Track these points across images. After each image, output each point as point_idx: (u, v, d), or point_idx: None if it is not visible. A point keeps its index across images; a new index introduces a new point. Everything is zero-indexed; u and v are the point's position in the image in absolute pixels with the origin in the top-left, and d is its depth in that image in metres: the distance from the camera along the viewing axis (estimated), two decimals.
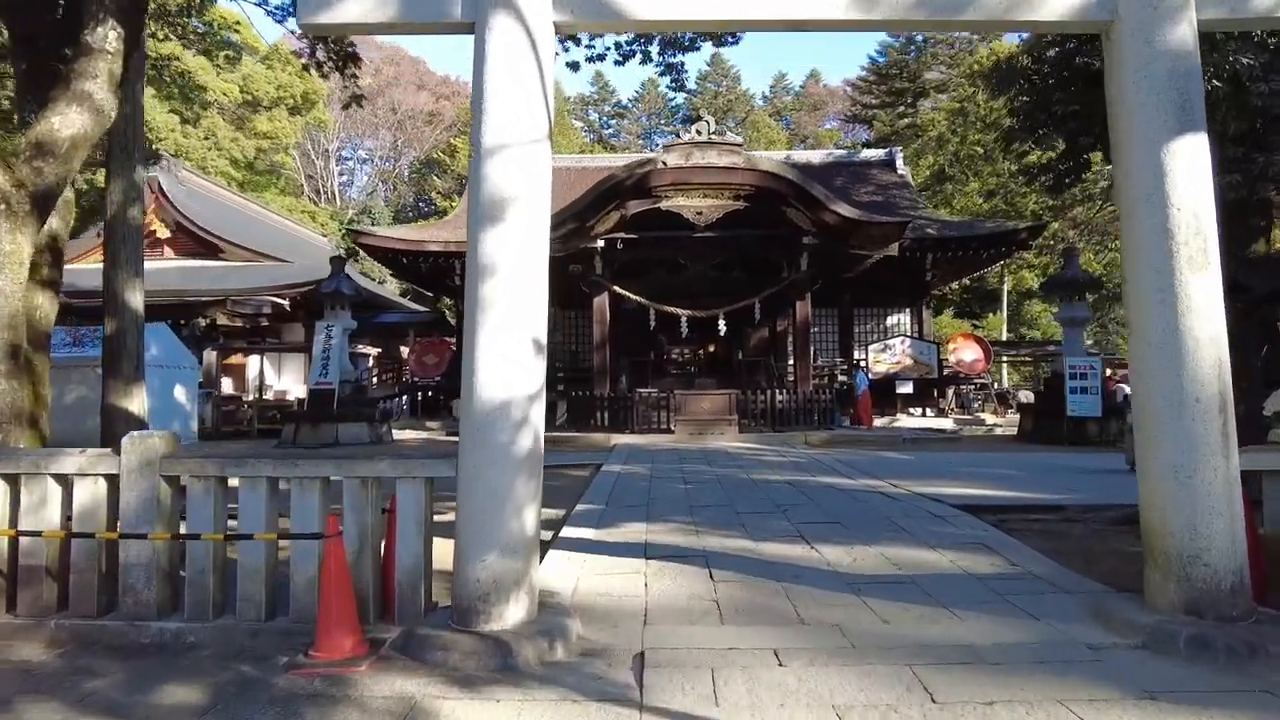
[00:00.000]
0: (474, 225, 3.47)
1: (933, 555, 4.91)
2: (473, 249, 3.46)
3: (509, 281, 3.40)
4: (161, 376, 15.17)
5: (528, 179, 3.48)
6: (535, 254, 3.50)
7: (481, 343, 3.37)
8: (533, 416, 3.43)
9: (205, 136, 32.71)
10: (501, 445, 3.34)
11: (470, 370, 3.40)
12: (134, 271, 8.03)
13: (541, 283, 3.54)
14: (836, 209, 13.42)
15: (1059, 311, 15.41)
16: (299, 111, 36.66)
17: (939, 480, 8.27)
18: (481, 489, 3.34)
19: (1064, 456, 11.34)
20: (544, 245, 3.57)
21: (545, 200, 3.62)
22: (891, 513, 6.29)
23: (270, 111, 35.09)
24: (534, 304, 3.47)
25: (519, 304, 3.41)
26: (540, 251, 3.54)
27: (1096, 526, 5.79)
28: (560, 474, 9.65)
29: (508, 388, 3.35)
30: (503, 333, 3.37)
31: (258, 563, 3.55)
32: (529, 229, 3.48)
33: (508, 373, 3.36)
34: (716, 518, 6.17)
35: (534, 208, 3.51)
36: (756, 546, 5.16)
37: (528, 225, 3.47)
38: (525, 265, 3.45)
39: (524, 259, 3.44)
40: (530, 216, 3.48)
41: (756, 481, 8.27)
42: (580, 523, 6.06)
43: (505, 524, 3.32)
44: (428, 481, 3.57)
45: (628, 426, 14.39)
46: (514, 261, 3.42)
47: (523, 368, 3.39)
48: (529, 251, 3.47)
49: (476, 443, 3.36)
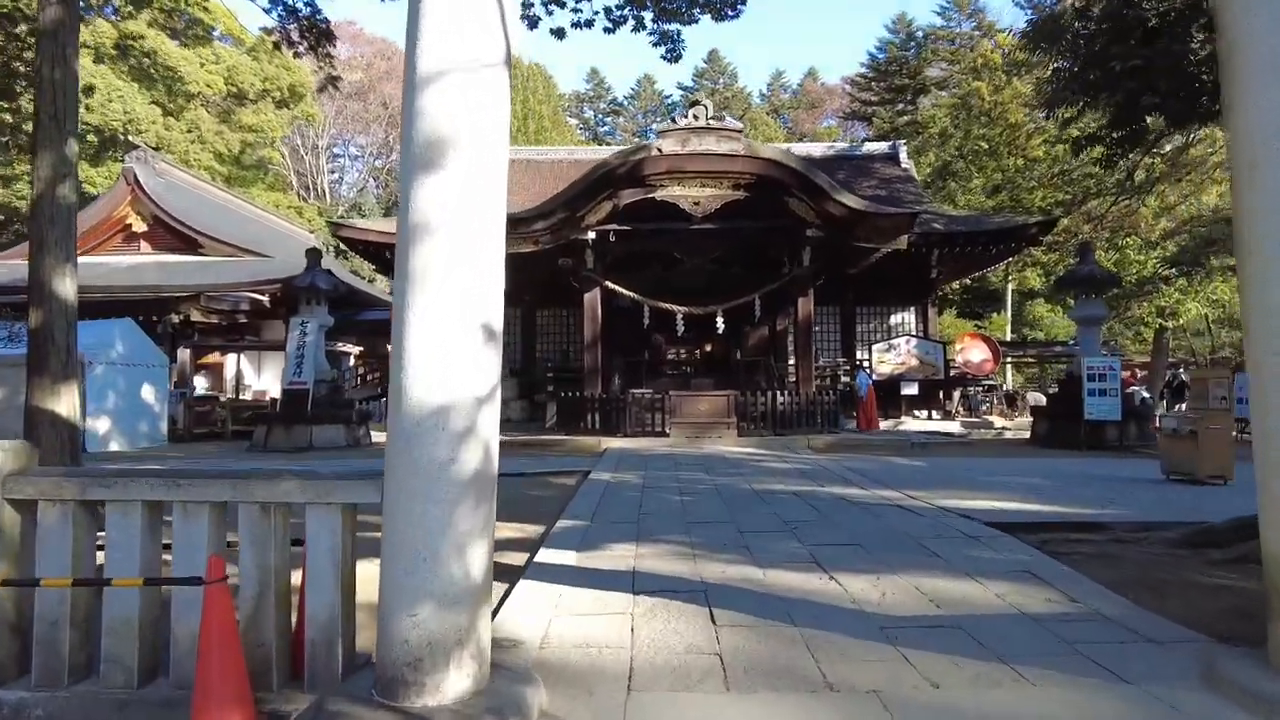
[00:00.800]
0: (406, 174, 2.68)
1: (974, 588, 4.13)
2: (404, 206, 2.66)
3: (450, 247, 2.60)
4: (127, 375, 14.34)
5: (477, 115, 2.68)
6: (486, 214, 2.70)
7: (412, 328, 2.57)
8: (481, 425, 2.63)
9: (189, 129, 31.79)
10: (437, 464, 2.54)
11: (398, 365, 2.61)
12: (64, 256, 7.18)
13: (494, 252, 2.74)
14: (842, 200, 12.66)
15: (1073, 309, 14.68)
16: (286, 105, 35.78)
17: (960, 491, 7.51)
18: (410, 522, 2.54)
19: (1087, 463, 10.59)
20: (499, 204, 2.78)
21: (501, 146, 2.82)
22: (916, 531, 5.51)
23: (256, 104, 34.20)
24: (483, 279, 2.67)
25: (462, 277, 2.61)
26: (494, 211, 2.74)
27: (1156, 550, 5.01)
28: (545, 482, 8.87)
29: (446, 387, 2.55)
30: (440, 315, 2.57)
31: (128, 614, 2.75)
32: (479, 181, 2.68)
33: (447, 367, 2.56)
34: (716, 538, 5.38)
35: (486, 154, 2.71)
36: (764, 576, 4.37)
37: (476, 175, 2.67)
38: (471, 227, 2.65)
39: (470, 219, 2.65)
40: (481, 165, 2.69)
41: (759, 492, 7.48)
42: (560, 543, 5.26)
43: (443, 568, 2.52)
44: (347, 508, 2.77)
45: (620, 429, 13.60)
46: (457, 222, 2.62)
47: (467, 361, 2.60)
48: (477, 210, 2.67)
49: (404, 460, 2.56)
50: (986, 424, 17.80)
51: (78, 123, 7.67)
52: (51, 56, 7.02)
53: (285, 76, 34.03)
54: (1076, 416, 13.21)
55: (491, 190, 2.73)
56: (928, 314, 18.96)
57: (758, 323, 16.97)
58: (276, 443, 13.29)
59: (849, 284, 17.28)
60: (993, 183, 25.86)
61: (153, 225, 22.00)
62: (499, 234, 2.76)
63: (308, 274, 14.23)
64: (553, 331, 19.62)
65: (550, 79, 47.80)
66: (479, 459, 2.61)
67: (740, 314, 15.17)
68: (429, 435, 2.54)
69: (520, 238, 12.99)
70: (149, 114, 29.18)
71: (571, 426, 14.32)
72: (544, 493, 8.05)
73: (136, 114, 28.15)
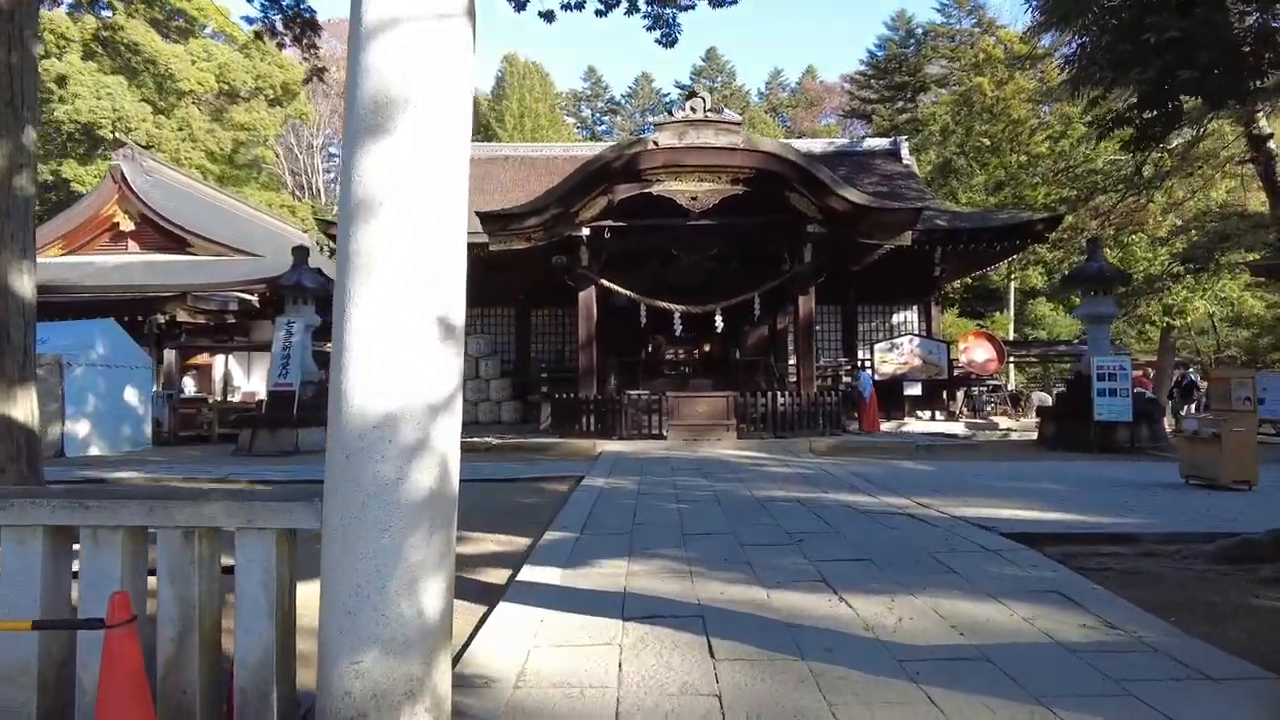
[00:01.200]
0: (350, 141, 2.28)
1: (999, 611, 3.74)
2: (345, 178, 2.27)
3: (399, 225, 2.21)
4: (109, 377, 13.92)
5: (433, 72, 2.29)
6: (443, 187, 2.30)
7: (353, 323, 2.18)
8: (437, 437, 2.23)
9: (180, 128, 31.33)
10: (384, 484, 2.14)
11: (337, 367, 2.21)
12: (21, 251, 6.76)
13: (453, 232, 2.35)
14: (845, 194, 12.26)
15: (1081, 307, 14.30)
16: (279, 103, 35.33)
17: (971, 498, 7.13)
18: (352, 552, 2.14)
19: (1099, 466, 10.21)
20: (458, 177, 2.38)
21: (463, 112, 2.42)
22: (930, 544, 5.11)
23: (249, 103, 33.74)
24: (440, 262, 2.28)
25: (414, 260, 2.21)
26: (452, 184, 2.34)
27: (1194, 566, 4.62)
28: (536, 488, 8.48)
29: (394, 393, 2.16)
30: (387, 306, 2.18)
31: (25, 659, 2.35)
32: (435, 150, 2.28)
33: (394, 369, 2.17)
34: (715, 552, 4.98)
35: (444, 119, 2.31)
36: (768, 597, 3.98)
37: (432, 143, 2.27)
38: (426, 201, 2.25)
39: (424, 192, 2.25)
40: (437, 130, 2.29)
41: (760, 500, 7.09)
42: (546, 558, 4.87)
43: (391, 607, 2.13)
44: (284, 534, 2.37)
45: (616, 432, 13.19)
46: (408, 195, 2.22)
47: (420, 361, 2.20)
48: (433, 181, 2.27)
49: (345, 480, 2.17)
50: (991, 425, 17.41)
51: (38, 111, 7.27)
52: (8, 39, 6.60)
53: (278, 74, 33.59)
54: (1085, 417, 12.83)
55: (450, 161, 2.33)
56: (931, 313, 18.56)
57: (757, 322, 16.57)
58: (261, 446, 12.87)
59: (850, 282, 16.89)
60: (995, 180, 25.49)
61: (140, 224, 21.57)
62: (459, 211, 2.36)
63: (294, 272, 13.82)
64: (548, 331, 19.22)
65: (547, 77, 47.39)
66: (434, 477, 2.22)
67: (739, 313, 14.77)
68: (373, 450, 2.15)
69: (512, 234, 12.59)
70: (139, 111, 28.76)
71: (566, 429, 13.92)
72: (534, 500, 7.66)
73: (126, 111, 27.74)
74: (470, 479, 9.21)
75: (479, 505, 7.28)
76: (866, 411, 15.26)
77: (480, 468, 10.30)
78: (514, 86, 44.17)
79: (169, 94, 30.79)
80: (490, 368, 17.60)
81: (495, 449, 12.84)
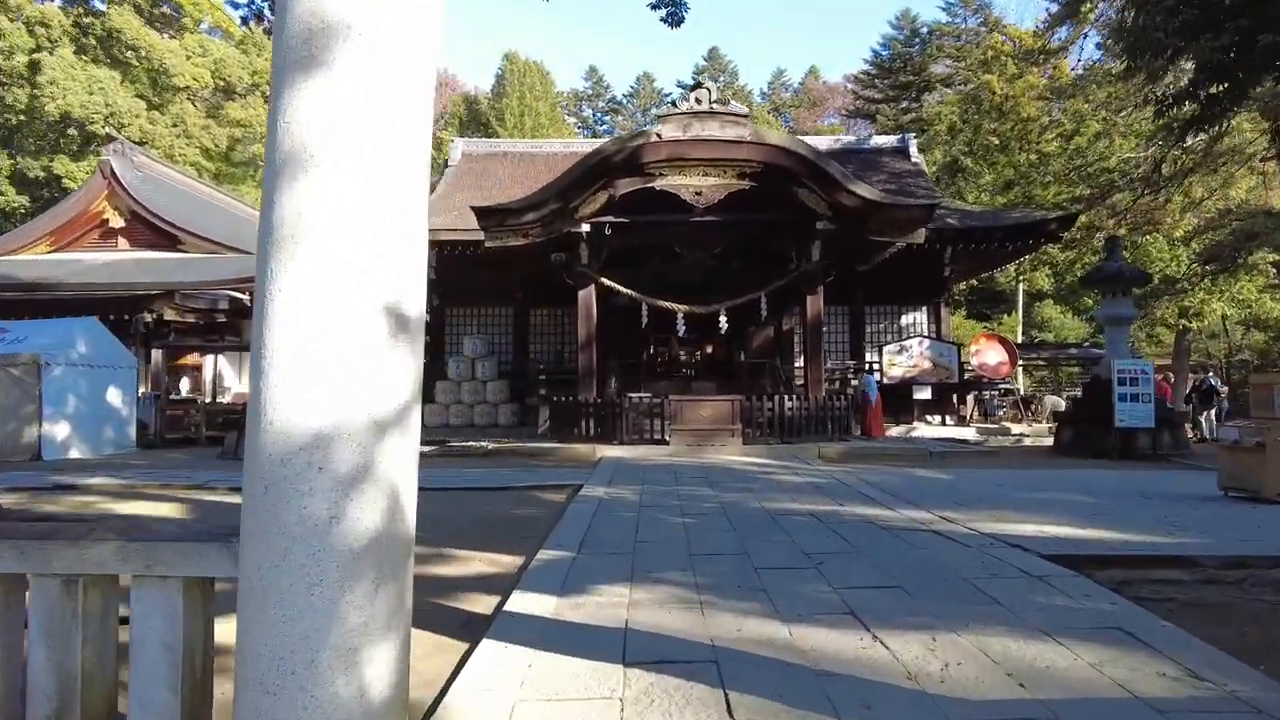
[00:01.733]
0: (277, 80, 1.77)
1: (1059, 654, 3.22)
2: (272, 129, 1.76)
3: (337, 184, 1.70)
4: (90, 377, 13.42)
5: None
6: (398, 140, 1.80)
7: (276, 316, 1.67)
8: (385, 462, 1.73)
9: (174, 124, 30.87)
10: (312, 524, 1.63)
11: (257, 371, 1.71)
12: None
13: (410, 199, 1.84)
14: (855, 190, 11.77)
15: (1100, 309, 13.81)
16: None
17: (997, 511, 6.63)
18: (273, 613, 1.63)
19: (1124, 475, 9.71)
20: (418, 129, 1.87)
21: (428, 48, 1.91)
22: (965, 568, 4.60)
23: (245, 99, 33.28)
24: (391, 236, 1.77)
25: (358, 231, 1.71)
26: (409, 137, 1.84)
27: (1265, 596, 4.12)
28: (531, 498, 7.98)
29: (328, 405, 1.65)
30: (321, 291, 1.67)
31: None
32: (386, 92, 1.77)
33: (327, 375, 1.66)
34: (727, 576, 4.47)
35: (396, 56, 1.80)
36: (790, 635, 3.47)
37: (383, 84, 1.76)
38: (375, 153, 1.74)
39: (373, 144, 1.74)
40: (389, 68, 1.78)
41: (772, 513, 6.58)
42: (539, 583, 4.36)
43: (321, 686, 1.62)
44: (194, 584, 1.86)
45: (616, 437, 12.69)
46: (351, 148, 1.71)
47: (362, 364, 1.69)
48: (385, 131, 1.76)
49: (264, 517, 1.66)
50: (1003, 430, 16.92)
51: None
52: None
53: None
54: (1104, 423, 12.35)
55: (408, 108, 1.82)
56: (940, 314, 18.07)
57: (763, 322, 16.09)
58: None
59: (858, 282, 16.41)
60: (1003, 179, 24.96)
61: (130, 220, 21.11)
62: (418, 174, 1.86)
63: None
64: (547, 331, 18.74)
65: (548, 75, 46.93)
66: (381, 514, 1.71)
67: (744, 313, 14.28)
68: (299, 480, 1.64)
69: (509, 231, 12.10)
70: (132, 107, 28.30)
71: (565, 433, 13.42)
72: (529, 512, 7.16)
73: (119, 106, 27.26)
74: (462, 487, 8.72)
75: (470, 517, 6.78)
76: (872, 416, 14.73)
77: (474, 474, 9.80)
78: (514, 85, 43.71)
79: (163, 89, 30.33)
80: (487, 369, 17.10)
81: (491, 454, 12.35)
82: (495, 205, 12.40)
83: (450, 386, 16.97)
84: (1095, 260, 19.85)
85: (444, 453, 12.79)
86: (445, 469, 10.52)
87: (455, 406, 16.86)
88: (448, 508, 7.26)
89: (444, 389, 16.97)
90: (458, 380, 16.99)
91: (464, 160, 21.11)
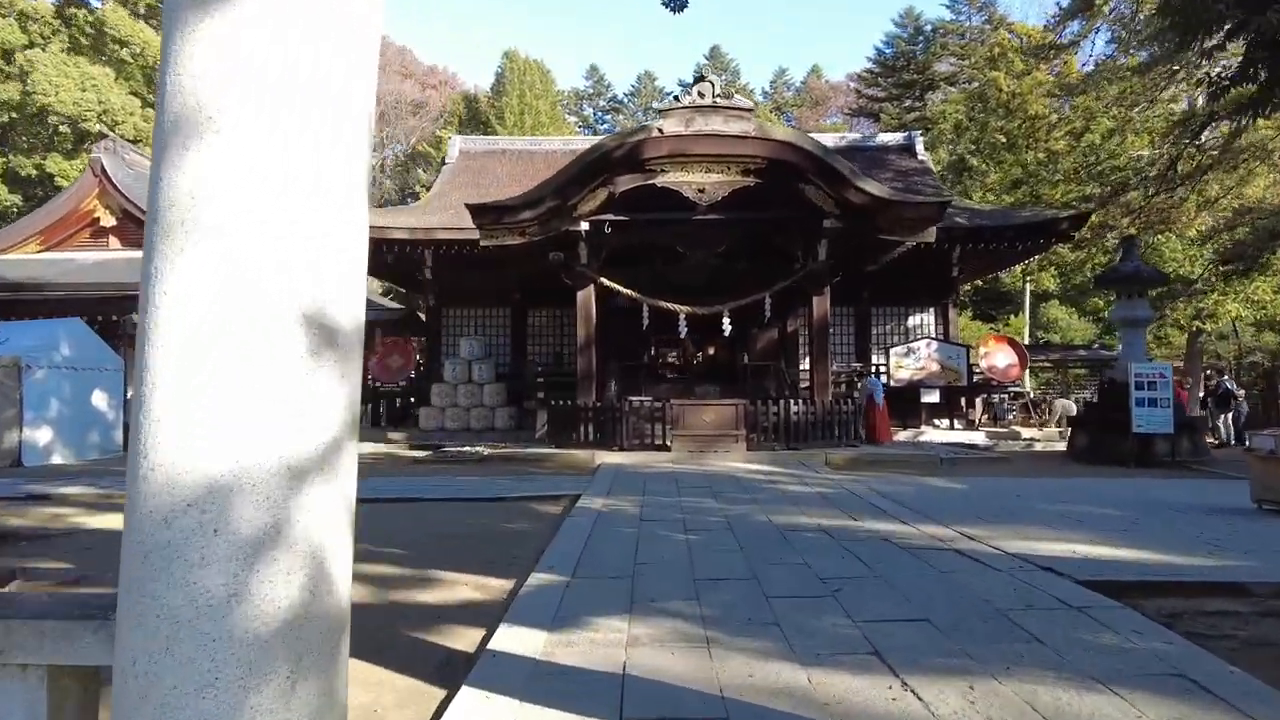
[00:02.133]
0: (169, 16, 1.36)
1: (1118, 709, 2.82)
2: (161, 88, 1.36)
3: (243, 157, 1.29)
4: (74, 380, 13.03)
5: None
6: (331, 101, 1.39)
7: (162, 317, 1.28)
8: (307, 518, 1.33)
9: None
10: (205, 603, 1.25)
11: (138, 394, 1.30)
12: None
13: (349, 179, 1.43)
14: (864, 187, 11.37)
15: (1115, 310, 13.39)
16: None
17: (1020, 526, 6.24)
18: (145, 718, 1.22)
19: (1146, 484, 9.31)
20: (361, 89, 1.47)
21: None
22: (997, 597, 4.20)
23: None
24: (319, 225, 1.36)
25: (273, 217, 1.30)
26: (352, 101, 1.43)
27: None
28: (526, 510, 7.58)
29: (226, 443, 1.25)
30: (222, 291, 1.26)
31: None
32: (312, 33, 1.36)
33: (227, 404, 1.25)
34: (736, 606, 4.07)
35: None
36: (809, 682, 3.06)
37: (308, 23, 1.36)
38: (294, 122, 1.34)
39: (294, 103, 1.33)
40: (313, 4, 1.37)
41: (782, 529, 6.18)
42: (528, 615, 3.95)
43: None
44: (60, 677, 1.45)
45: (616, 442, 12.29)
46: (268, 109, 1.31)
47: (279, 386, 1.29)
48: (314, 88, 1.36)
49: (142, 594, 1.26)
50: (1013, 434, 16.49)
51: None
52: None
53: None
54: (1120, 428, 11.95)
55: (341, 62, 1.42)
56: (948, 315, 17.65)
57: (767, 324, 15.68)
58: None
59: (864, 282, 16.01)
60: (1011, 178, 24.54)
61: (122, 219, 20.71)
62: (354, 148, 1.45)
63: None
64: (545, 332, 18.34)
65: (548, 74, 46.50)
66: (298, 590, 1.30)
67: (748, 314, 13.88)
68: (188, 545, 1.24)
69: (505, 229, 11.70)
70: (126, 104, 27.90)
71: (563, 437, 13.01)
72: (523, 525, 6.76)
73: (112, 104, 26.88)
74: (455, 498, 8.31)
75: (459, 532, 6.39)
76: (878, 421, 14.18)
77: (467, 483, 9.41)
78: (514, 83, 43.30)
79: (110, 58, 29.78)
80: (484, 371, 16.69)
81: (486, 460, 11.96)
82: (491, 203, 12.00)
83: (446, 389, 16.57)
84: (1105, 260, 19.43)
85: (438, 459, 12.40)
86: (438, 477, 10.13)
87: (451, 410, 16.45)
88: (436, 522, 6.87)
89: (439, 392, 16.57)
90: (454, 383, 16.58)
91: (461, 158, 20.72)
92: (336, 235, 1.40)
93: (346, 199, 1.43)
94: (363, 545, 5.95)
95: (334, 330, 1.36)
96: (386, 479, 9.96)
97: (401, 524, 6.69)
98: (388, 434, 16.59)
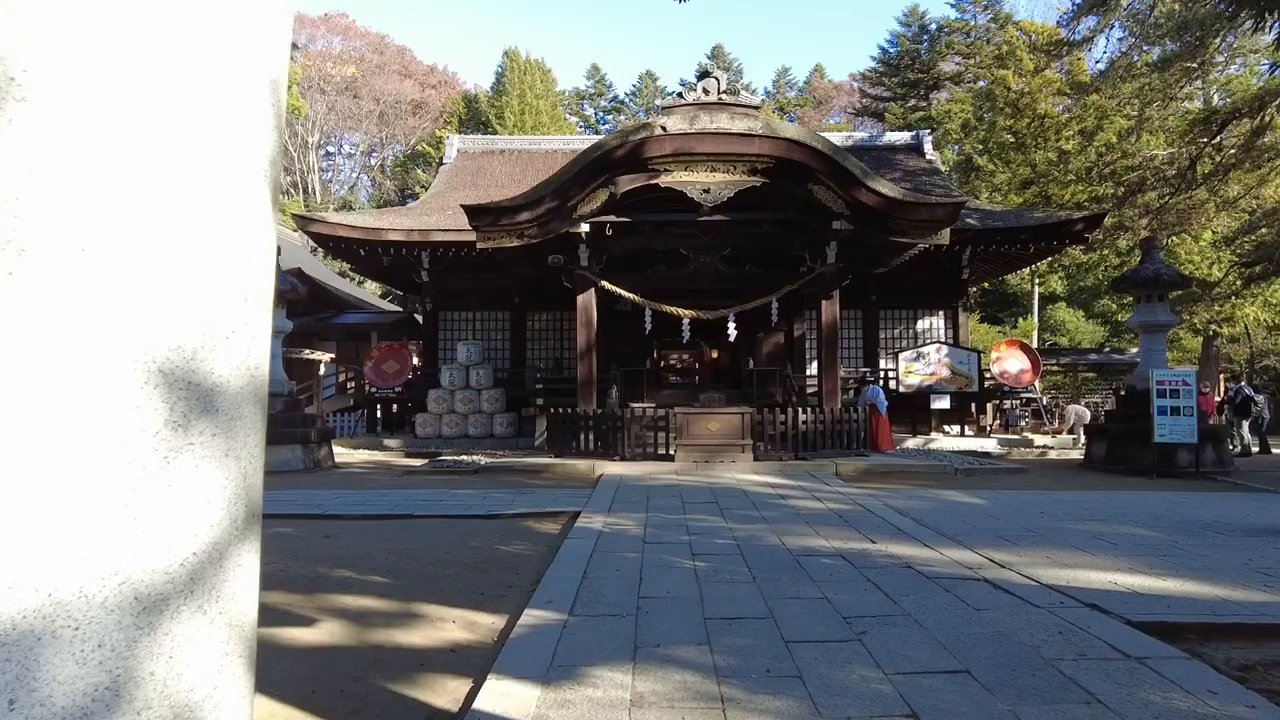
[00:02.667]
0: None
1: None
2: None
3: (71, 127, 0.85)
4: None
5: None
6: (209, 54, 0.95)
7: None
8: (159, 668, 0.88)
9: None
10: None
11: None
12: None
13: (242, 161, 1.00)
14: (876, 187, 10.95)
15: (1135, 314, 12.96)
16: None
17: (1053, 550, 5.83)
18: None
19: (1173, 497, 8.89)
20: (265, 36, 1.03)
21: None
22: (1042, 642, 3.77)
23: None
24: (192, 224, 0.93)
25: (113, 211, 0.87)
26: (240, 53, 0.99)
27: None
28: (522, 529, 7.17)
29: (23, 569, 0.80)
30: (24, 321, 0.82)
31: None
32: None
33: (22, 508, 0.81)
34: (752, 653, 3.65)
35: None
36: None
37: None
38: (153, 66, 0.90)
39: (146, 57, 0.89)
40: None
41: (796, 554, 5.75)
42: (518, 664, 3.53)
43: None
44: None
45: (617, 451, 11.88)
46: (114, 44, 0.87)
47: (116, 471, 0.85)
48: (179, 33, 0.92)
49: None
50: (1025, 441, 16.08)
51: None
52: None
53: None
54: (1140, 437, 11.54)
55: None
56: (959, 319, 17.22)
57: (773, 328, 15.28)
58: None
59: (872, 285, 15.61)
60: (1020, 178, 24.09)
61: None
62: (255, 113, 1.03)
63: None
64: (545, 336, 17.94)
65: (549, 74, 46.14)
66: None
67: (754, 319, 13.49)
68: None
69: (503, 231, 11.29)
70: None
71: (563, 446, 12.60)
72: (519, 548, 6.34)
73: None
74: (446, 515, 7.87)
75: (448, 556, 5.97)
76: (880, 429, 13.64)
77: (461, 497, 9.00)
78: (514, 83, 42.94)
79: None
80: (482, 377, 16.29)
81: (482, 471, 11.54)
82: (488, 204, 11.59)
83: (443, 395, 16.17)
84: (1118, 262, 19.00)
85: (434, 469, 11.99)
86: (431, 490, 9.71)
87: (448, 416, 16.06)
88: (425, 542, 6.45)
89: (436, 398, 16.17)
90: (451, 389, 16.18)
91: (460, 158, 20.33)
92: (220, 250, 0.98)
93: (236, 199, 1.00)
94: (344, 573, 5.53)
95: (210, 390, 0.94)
96: (378, 492, 9.56)
97: (388, 545, 6.28)
98: (383, 441, 16.20)
